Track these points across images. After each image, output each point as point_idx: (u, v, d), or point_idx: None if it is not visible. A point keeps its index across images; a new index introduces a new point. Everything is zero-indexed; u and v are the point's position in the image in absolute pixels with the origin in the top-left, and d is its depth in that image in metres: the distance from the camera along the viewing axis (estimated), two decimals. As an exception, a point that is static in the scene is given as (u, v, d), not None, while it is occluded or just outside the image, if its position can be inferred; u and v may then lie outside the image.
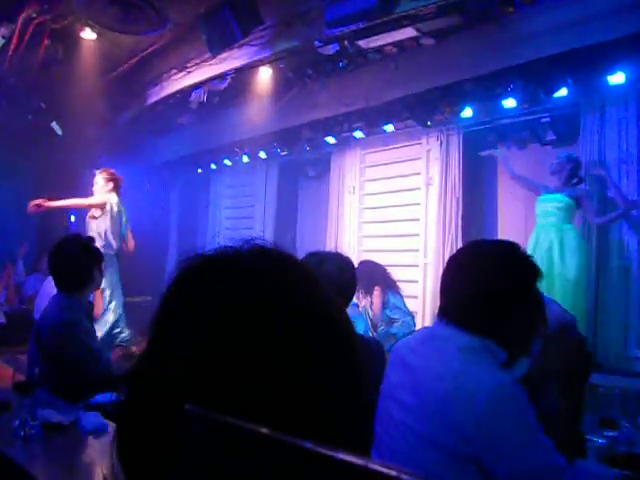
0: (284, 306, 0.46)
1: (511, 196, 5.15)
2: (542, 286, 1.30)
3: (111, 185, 4.64)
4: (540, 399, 1.25)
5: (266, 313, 0.45)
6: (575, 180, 4.03)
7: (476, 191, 5.29)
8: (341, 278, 1.97)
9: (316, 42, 4.09)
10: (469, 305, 1.26)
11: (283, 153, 6.07)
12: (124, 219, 4.71)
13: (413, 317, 4.44)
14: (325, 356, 0.46)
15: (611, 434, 1.97)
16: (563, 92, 4.00)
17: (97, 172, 4.72)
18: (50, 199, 4.55)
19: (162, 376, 0.44)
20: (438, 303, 1.35)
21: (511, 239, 1.40)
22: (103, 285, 3.72)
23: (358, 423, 0.47)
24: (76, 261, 2.37)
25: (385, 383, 1.39)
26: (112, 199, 4.59)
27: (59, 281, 2.41)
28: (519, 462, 1.10)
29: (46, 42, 4.71)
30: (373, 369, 1.72)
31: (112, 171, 4.70)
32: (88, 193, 4.96)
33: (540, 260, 2.99)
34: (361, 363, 0.49)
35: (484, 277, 1.26)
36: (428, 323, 4.91)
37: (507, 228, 5.05)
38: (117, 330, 4.26)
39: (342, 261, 2.05)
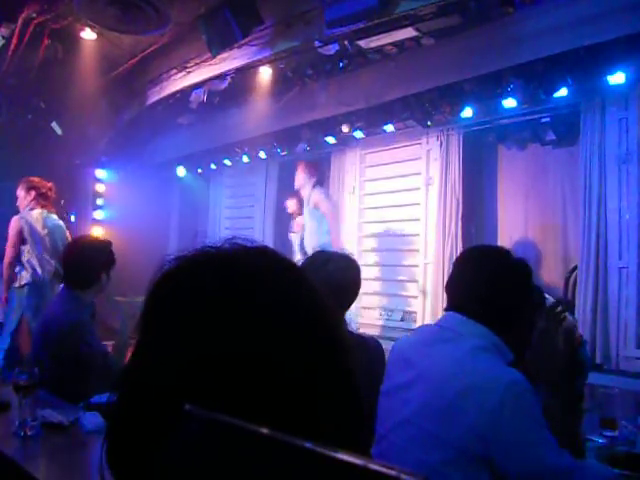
0: (267, 306, 0.46)
1: (511, 196, 5.15)
2: None
3: (32, 195, 4.08)
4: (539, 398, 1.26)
5: (248, 314, 0.45)
6: None
7: (476, 191, 5.29)
8: (345, 278, 1.98)
9: (316, 42, 4.09)
10: (488, 299, 1.27)
11: (283, 153, 6.07)
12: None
13: None
14: (311, 357, 0.45)
15: (611, 434, 1.97)
16: (563, 92, 3.99)
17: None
18: None
19: (150, 380, 0.44)
20: (438, 303, 1.36)
21: (511, 239, 1.42)
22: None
23: (351, 425, 0.47)
24: (84, 259, 2.41)
25: (387, 382, 1.39)
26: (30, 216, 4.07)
27: (67, 275, 2.46)
28: (530, 460, 1.10)
29: (46, 42, 4.71)
30: (372, 368, 1.72)
31: (32, 179, 4.11)
32: (88, 192, 4.97)
33: None
34: (353, 364, 0.49)
35: (502, 273, 1.29)
36: (428, 322, 4.91)
37: (507, 228, 5.05)
38: None
39: (347, 261, 2.05)
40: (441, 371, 1.22)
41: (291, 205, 5.68)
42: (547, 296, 1.82)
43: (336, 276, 1.90)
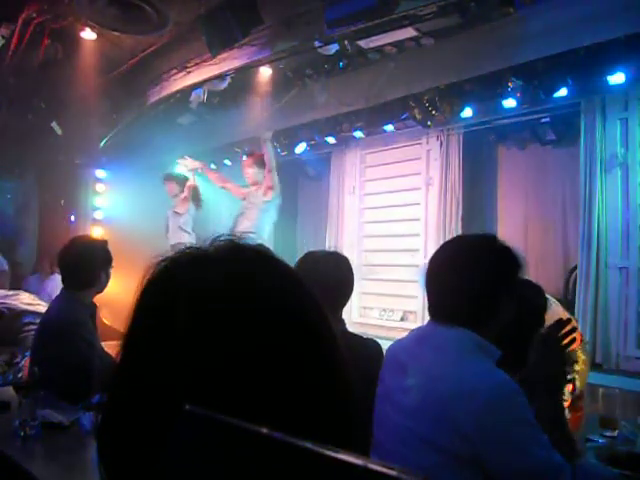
0: (247, 305, 0.46)
1: (511, 196, 5.15)
2: None
3: None
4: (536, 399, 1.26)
5: (227, 315, 0.45)
6: None
7: (476, 191, 5.29)
8: (336, 277, 1.97)
9: (316, 42, 4.09)
10: (458, 303, 1.26)
11: (283, 153, 6.07)
12: None
13: None
14: (297, 355, 0.46)
15: (611, 434, 1.97)
16: (563, 92, 3.99)
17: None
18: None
19: (142, 380, 0.45)
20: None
21: (511, 239, 1.40)
22: None
23: (340, 424, 0.47)
24: (81, 259, 2.40)
25: (381, 385, 1.39)
26: None
27: (64, 278, 2.45)
28: (519, 460, 1.10)
29: (46, 42, 4.70)
30: (371, 369, 1.72)
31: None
32: (88, 192, 4.91)
33: None
34: (344, 363, 0.49)
35: (471, 273, 1.27)
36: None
37: (507, 228, 5.05)
38: None
39: (338, 260, 2.04)
40: (429, 375, 1.22)
41: (172, 188, 5.97)
42: (548, 296, 1.82)
43: (327, 276, 1.89)
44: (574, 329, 1.34)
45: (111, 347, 2.45)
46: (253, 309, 0.46)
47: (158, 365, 0.44)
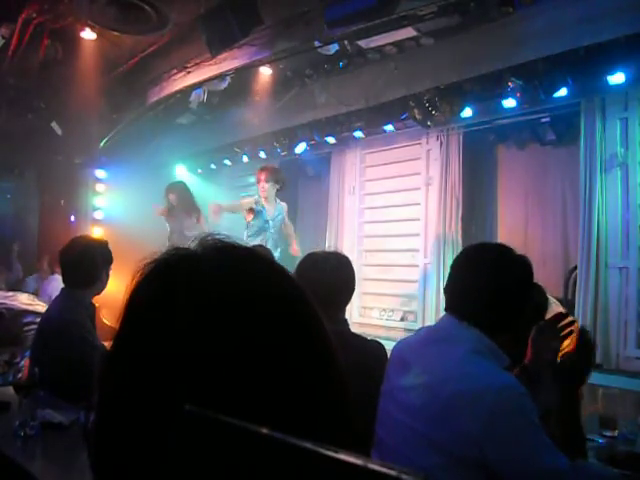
0: (242, 300, 0.46)
1: (511, 196, 5.15)
2: None
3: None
4: (539, 398, 1.26)
5: (214, 315, 0.45)
6: None
7: (476, 191, 5.28)
8: (337, 276, 1.97)
9: (316, 42, 4.09)
10: (484, 304, 1.27)
11: (283, 153, 6.07)
12: None
13: None
14: (290, 350, 0.46)
15: (611, 434, 1.98)
16: (563, 92, 3.99)
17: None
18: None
19: (133, 381, 0.45)
20: (438, 303, 1.36)
21: (511, 239, 1.41)
22: None
23: (334, 421, 0.47)
24: (83, 256, 2.41)
25: (386, 384, 1.39)
26: None
27: (65, 275, 2.47)
28: (525, 463, 1.10)
29: (46, 42, 4.71)
30: (374, 370, 1.72)
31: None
32: (88, 192, 4.93)
33: None
34: (338, 361, 0.49)
35: (500, 277, 1.28)
36: (428, 323, 4.90)
37: (507, 228, 5.05)
38: None
39: (338, 259, 2.05)
40: (435, 375, 1.22)
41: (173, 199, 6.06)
42: (548, 296, 1.82)
43: (328, 275, 1.90)
44: (572, 322, 1.35)
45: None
46: (248, 303, 0.46)
47: (158, 360, 0.44)
